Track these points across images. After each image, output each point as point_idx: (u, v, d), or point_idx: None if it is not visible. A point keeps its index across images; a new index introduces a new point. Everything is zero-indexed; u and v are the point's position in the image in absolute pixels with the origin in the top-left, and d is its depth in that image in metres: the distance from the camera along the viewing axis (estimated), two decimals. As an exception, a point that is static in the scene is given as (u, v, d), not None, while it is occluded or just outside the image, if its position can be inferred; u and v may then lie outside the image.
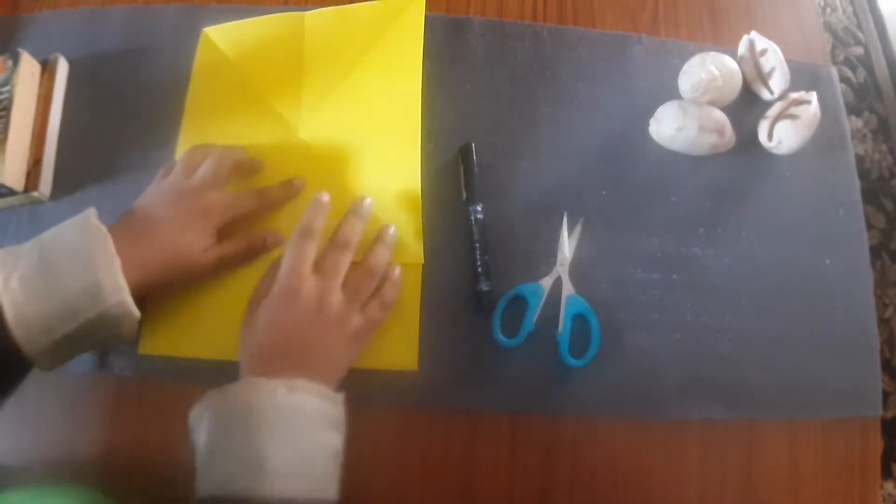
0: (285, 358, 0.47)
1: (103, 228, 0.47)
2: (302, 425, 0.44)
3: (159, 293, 0.54)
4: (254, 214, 0.56)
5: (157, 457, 0.53)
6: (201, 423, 0.44)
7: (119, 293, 0.45)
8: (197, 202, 0.52)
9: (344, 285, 0.51)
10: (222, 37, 0.64)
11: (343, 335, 0.50)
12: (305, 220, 0.51)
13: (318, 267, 0.50)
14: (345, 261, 0.52)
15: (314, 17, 0.64)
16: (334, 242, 0.52)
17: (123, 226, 0.50)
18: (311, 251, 0.50)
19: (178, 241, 0.51)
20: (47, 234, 0.47)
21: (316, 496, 0.43)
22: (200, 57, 0.63)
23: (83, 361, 0.54)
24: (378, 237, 0.55)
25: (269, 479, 0.41)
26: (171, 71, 0.63)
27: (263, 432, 0.42)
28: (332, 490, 0.45)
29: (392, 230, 0.55)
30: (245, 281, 0.55)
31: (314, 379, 0.45)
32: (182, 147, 0.60)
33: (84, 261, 0.45)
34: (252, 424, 0.43)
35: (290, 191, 0.58)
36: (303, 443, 0.44)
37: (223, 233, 0.54)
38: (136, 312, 0.47)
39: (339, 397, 0.47)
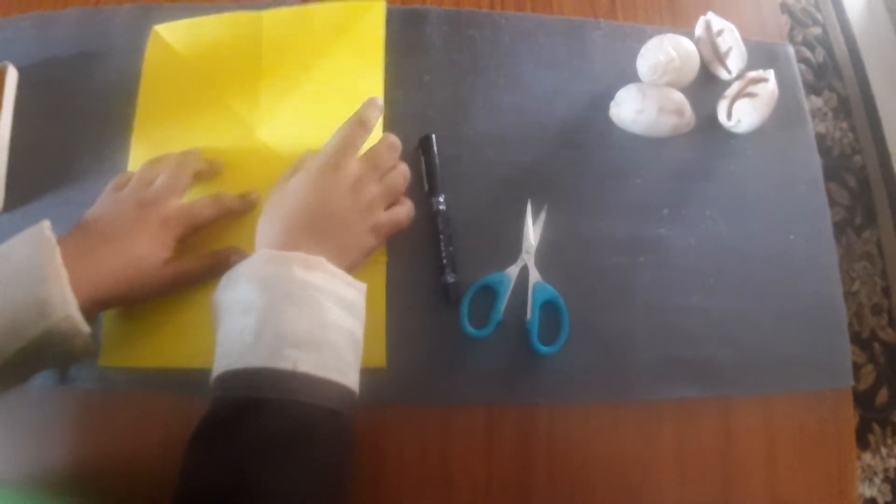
0: (308, 232, 0.47)
1: (53, 241, 0.44)
2: (318, 300, 0.43)
3: (114, 307, 0.52)
4: (211, 223, 0.54)
5: (125, 468, 0.52)
6: (218, 303, 0.44)
7: (66, 308, 0.42)
8: (157, 212, 0.50)
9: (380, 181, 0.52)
10: (174, 34, 0.63)
11: (366, 224, 0.50)
12: (361, 112, 0.52)
13: (365, 157, 0.51)
14: (391, 157, 0.52)
15: (272, 16, 0.63)
16: (383, 140, 0.53)
17: (75, 238, 0.47)
18: (362, 139, 0.51)
19: (137, 253, 0.48)
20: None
21: (332, 376, 0.42)
22: (151, 56, 0.62)
23: (45, 376, 0.52)
24: None
25: (281, 349, 0.40)
26: (125, 74, 0.61)
27: (277, 304, 0.42)
28: (351, 375, 0.43)
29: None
30: (204, 287, 0.54)
31: (334, 261, 0.45)
32: (136, 149, 0.59)
33: (30, 274, 0.43)
34: (265, 297, 0.42)
35: (245, 204, 0.56)
36: (318, 317, 0.42)
37: (180, 244, 0.52)
38: (86, 328, 0.44)
39: (362, 286, 0.47)
